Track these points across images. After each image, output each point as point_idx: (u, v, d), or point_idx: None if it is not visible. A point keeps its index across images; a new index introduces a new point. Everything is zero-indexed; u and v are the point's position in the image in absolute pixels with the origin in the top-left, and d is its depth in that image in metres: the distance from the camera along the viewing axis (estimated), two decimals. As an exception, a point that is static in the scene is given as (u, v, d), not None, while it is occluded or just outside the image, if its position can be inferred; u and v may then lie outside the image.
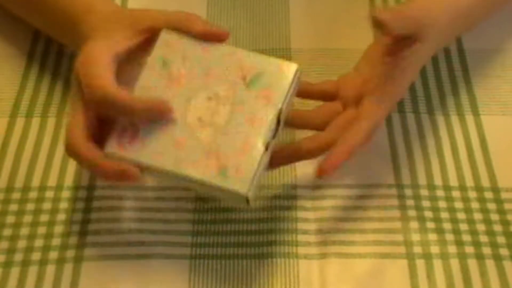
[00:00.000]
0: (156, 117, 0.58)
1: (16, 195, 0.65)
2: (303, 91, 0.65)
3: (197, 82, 0.59)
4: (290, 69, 0.59)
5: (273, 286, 0.59)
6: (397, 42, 0.64)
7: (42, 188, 0.65)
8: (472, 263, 0.60)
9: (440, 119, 0.71)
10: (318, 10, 0.81)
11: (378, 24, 0.60)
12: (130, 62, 0.62)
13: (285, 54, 0.76)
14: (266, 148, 0.57)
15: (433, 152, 0.68)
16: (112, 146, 0.58)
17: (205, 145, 0.57)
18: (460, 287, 0.59)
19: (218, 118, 0.58)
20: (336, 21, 0.80)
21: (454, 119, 0.71)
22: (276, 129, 0.58)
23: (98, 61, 0.59)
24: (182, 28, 0.61)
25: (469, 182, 0.66)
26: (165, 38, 0.61)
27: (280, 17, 0.80)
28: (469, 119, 0.71)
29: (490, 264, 0.60)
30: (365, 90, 0.63)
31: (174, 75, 0.59)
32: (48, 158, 0.67)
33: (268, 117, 0.57)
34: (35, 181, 0.66)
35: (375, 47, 0.67)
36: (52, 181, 0.66)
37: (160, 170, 0.57)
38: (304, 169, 0.66)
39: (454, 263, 0.61)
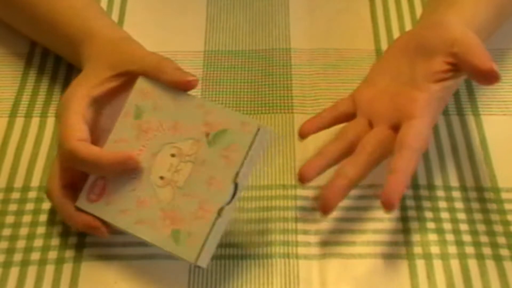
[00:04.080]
0: (122, 172, 0.59)
1: (15, 195, 0.65)
2: (328, 122, 0.64)
3: (164, 136, 0.59)
4: (251, 128, 0.57)
5: (273, 286, 0.59)
6: (452, 69, 0.62)
7: (42, 188, 0.65)
8: (472, 264, 0.60)
9: (440, 119, 0.70)
10: (318, 10, 0.81)
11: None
12: (113, 100, 0.62)
13: (285, 54, 0.76)
14: (219, 214, 0.56)
15: (433, 152, 0.68)
16: (81, 202, 0.60)
17: (164, 206, 0.58)
18: (460, 287, 0.59)
19: (178, 178, 0.58)
20: (336, 21, 0.80)
21: (454, 119, 0.71)
22: (234, 193, 0.57)
23: (73, 111, 0.60)
24: (153, 76, 0.61)
25: (469, 182, 0.66)
26: (141, 85, 0.61)
27: (280, 17, 0.80)
28: (469, 119, 0.71)
29: (490, 264, 0.60)
30: (406, 109, 0.61)
31: (144, 126, 0.60)
32: (47, 158, 0.67)
33: (225, 181, 0.57)
34: (35, 181, 0.66)
35: (390, 60, 0.66)
36: (51, 181, 0.66)
37: (120, 229, 0.59)
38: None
39: (454, 264, 0.60)
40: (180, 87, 0.60)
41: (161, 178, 0.59)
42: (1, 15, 0.76)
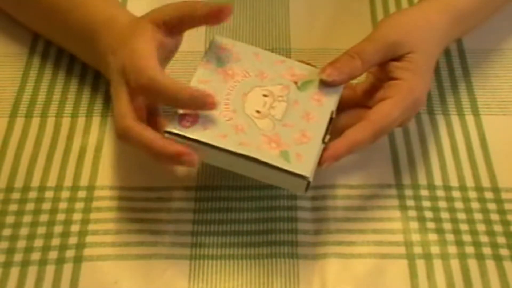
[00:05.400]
0: (200, 107, 0.59)
1: (15, 195, 0.65)
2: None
3: (252, 80, 0.62)
4: None
5: (273, 286, 0.59)
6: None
7: (42, 188, 0.65)
8: (472, 263, 0.60)
9: (440, 119, 0.70)
10: (318, 10, 0.81)
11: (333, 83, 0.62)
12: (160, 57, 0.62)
13: (285, 54, 0.76)
14: (323, 141, 0.59)
15: (433, 152, 0.68)
16: (174, 127, 0.58)
17: (266, 133, 0.59)
18: (460, 287, 0.59)
19: (274, 112, 0.60)
20: (336, 21, 0.80)
21: (454, 119, 0.71)
22: (327, 131, 0.60)
23: (145, 52, 0.60)
24: (187, 16, 0.62)
25: (469, 182, 0.66)
26: (218, 42, 0.63)
27: (280, 17, 0.80)
28: (469, 119, 0.71)
29: (490, 264, 0.60)
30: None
31: (229, 72, 0.62)
32: (47, 158, 0.67)
33: (322, 116, 0.60)
34: (35, 181, 0.66)
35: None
36: (51, 181, 0.66)
37: (224, 151, 0.58)
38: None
39: (454, 264, 0.60)
40: (217, 15, 0.60)
41: (257, 111, 0.60)
42: (9, 9, 0.76)
